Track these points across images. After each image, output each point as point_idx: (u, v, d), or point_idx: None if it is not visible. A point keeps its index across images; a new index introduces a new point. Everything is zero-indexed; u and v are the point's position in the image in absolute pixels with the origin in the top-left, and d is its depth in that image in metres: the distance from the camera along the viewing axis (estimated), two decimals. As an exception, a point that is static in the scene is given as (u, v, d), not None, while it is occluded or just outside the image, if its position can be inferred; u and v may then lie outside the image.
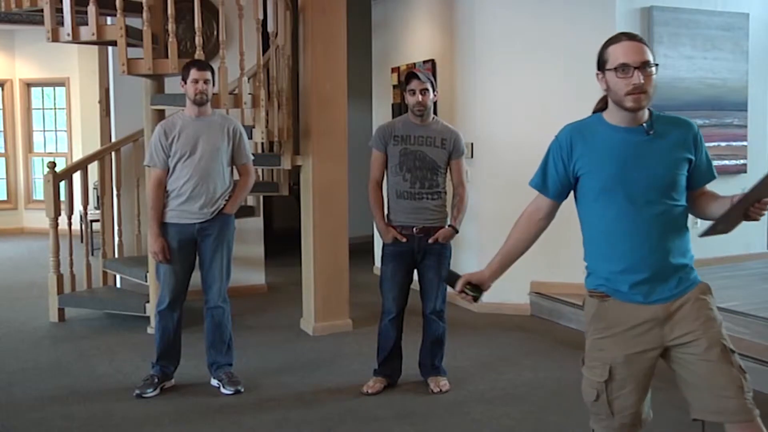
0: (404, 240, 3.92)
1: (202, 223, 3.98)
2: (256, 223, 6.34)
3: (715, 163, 2.32)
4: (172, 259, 3.97)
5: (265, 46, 5.11)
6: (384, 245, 4.04)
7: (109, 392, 4.06)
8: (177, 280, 4.01)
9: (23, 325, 5.49)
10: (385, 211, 4.05)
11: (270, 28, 4.95)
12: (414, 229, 3.92)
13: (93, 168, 5.98)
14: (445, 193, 4.03)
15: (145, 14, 4.55)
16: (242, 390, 4.01)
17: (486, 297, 2.96)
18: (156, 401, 3.93)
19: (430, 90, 3.90)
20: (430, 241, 3.91)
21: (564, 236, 5.80)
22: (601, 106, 2.31)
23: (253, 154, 4.27)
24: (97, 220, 6.36)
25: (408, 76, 3.91)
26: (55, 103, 10.54)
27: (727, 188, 2.31)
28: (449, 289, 2.61)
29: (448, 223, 4.00)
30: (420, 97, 3.86)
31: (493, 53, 5.70)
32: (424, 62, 6.33)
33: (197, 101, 3.95)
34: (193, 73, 3.92)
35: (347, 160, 5.20)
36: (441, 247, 3.95)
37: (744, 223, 2.21)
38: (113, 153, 5.91)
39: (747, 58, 6.02)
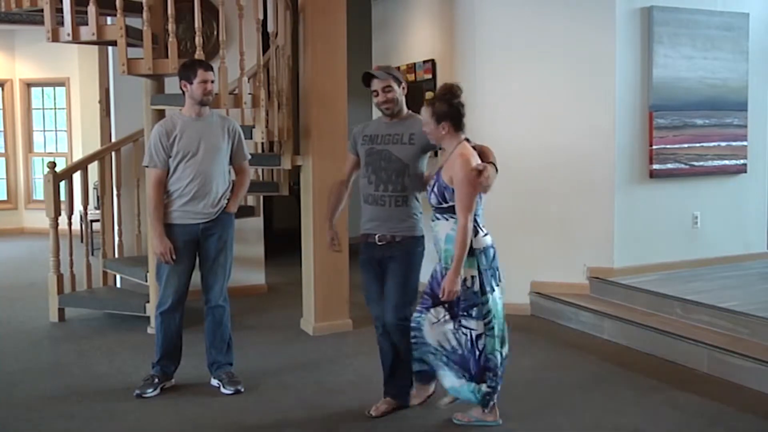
0: None
1: (206, 223, 3.99)
2: (256, 223, 6.34)
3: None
4: (177, 259, 3.97)
5: (265, 46, 5.11)
6: (359, 250, 3.74)
7: (109, 392, 4.06)
8: (180, 281, 4.01)
9: (23, 325, 5.49)
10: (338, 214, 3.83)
11: (270, 28, 4.96)
12: (376, 237, 3.60)
13: (93, 168, 5.98)
14: (416, 199, 3.62)
15: (145, 14, 4.55)
16: (242, 390, 4.01)
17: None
18: (156, 401, 3.93)
19: (394, 85, 3.58)
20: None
21: (564, 236, 5.86)
22: None
23: (252, 154, 4.27)
24: (97, 220, 6.36)
25: (364, 77, 3.60)
26: (55, 103, 10.54)
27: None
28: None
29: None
30: (385, 96, 3.58)
31: (493, 53, 5.69)
32: (424, 62, 6.33)
33: (205, 102, 3.97)
34: (202, 74, 3.92)
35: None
36: (403, 253, 3.57)
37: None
38: (113, 153, 5.91)
39: (747, 58, 6.01)
